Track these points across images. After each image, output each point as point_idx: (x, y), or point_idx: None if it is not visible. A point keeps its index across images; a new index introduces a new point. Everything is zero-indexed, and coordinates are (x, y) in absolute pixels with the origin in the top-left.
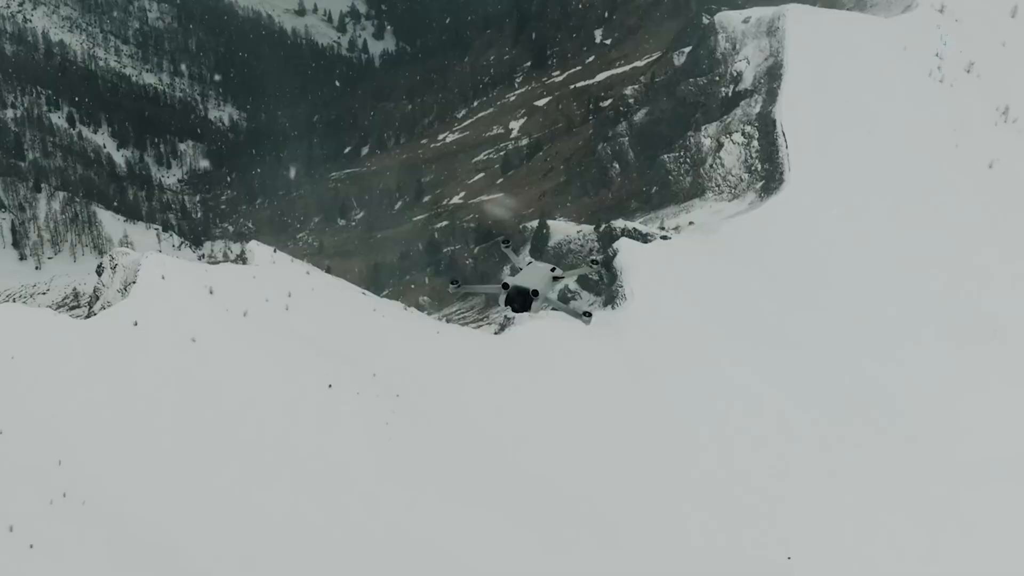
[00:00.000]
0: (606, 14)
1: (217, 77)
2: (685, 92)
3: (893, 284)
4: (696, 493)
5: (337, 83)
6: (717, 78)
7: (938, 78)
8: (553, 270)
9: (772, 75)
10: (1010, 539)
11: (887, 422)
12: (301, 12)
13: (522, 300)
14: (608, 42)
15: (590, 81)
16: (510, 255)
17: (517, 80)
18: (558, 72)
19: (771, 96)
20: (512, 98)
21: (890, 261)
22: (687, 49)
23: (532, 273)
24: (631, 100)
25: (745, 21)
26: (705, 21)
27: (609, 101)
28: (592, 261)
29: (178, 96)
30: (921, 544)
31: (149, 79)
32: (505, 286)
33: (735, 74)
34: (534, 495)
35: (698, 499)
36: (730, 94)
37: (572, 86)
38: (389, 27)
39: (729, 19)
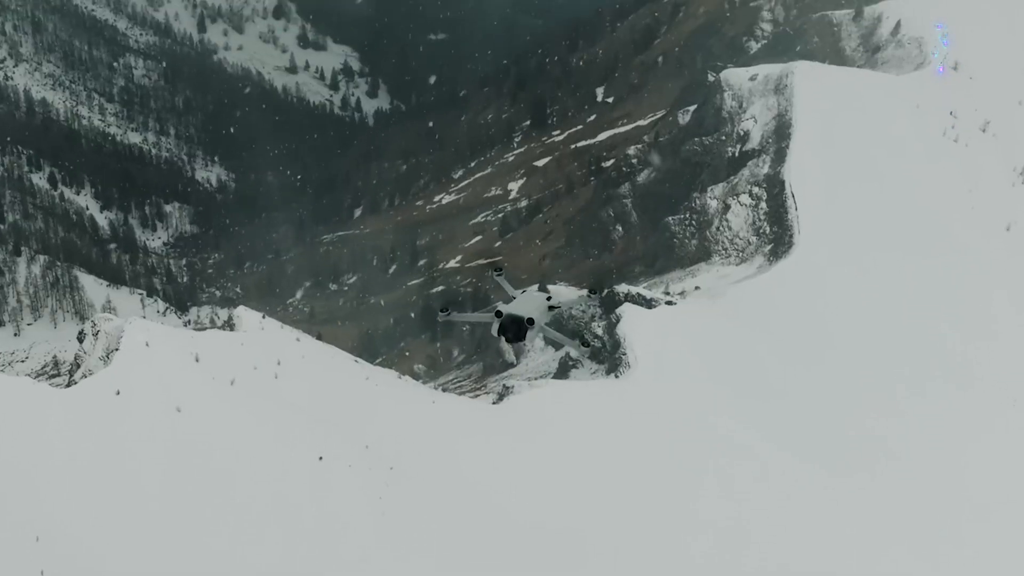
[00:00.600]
0: (608, 72)
1: (205, 137)
2: (690, 152)
3: (906, 348)
4: (699, 549)
5: (329, 142)
6: (723, 137)
7: (952, 137)
8: (548, 299)
9: (780, 134)
10: None
11: (893, 476)
12: (292, 70)
13: (516, 329)
14: (610, 100)
15: (591, 141)
16: (503, 284)
17: (516, 139)
18: (558, 131)
19: (779, 156)
20: (510, 158)
21: (903, 325)
22: (692, 107)
23: (526, 301)
24: (634, 160)
25: (752, 79)
26: (710, 79)
27: (611, 161)
28: (590, 291)
29: (164, 156)
30: None
31: (134, 138)
32: (498, 314)
33: (742, 133)
34: (536, 564)
35: (701, 554)
36: (737, 154)
37: (573, 146)
38: (383, 85)
39: (735, 76)
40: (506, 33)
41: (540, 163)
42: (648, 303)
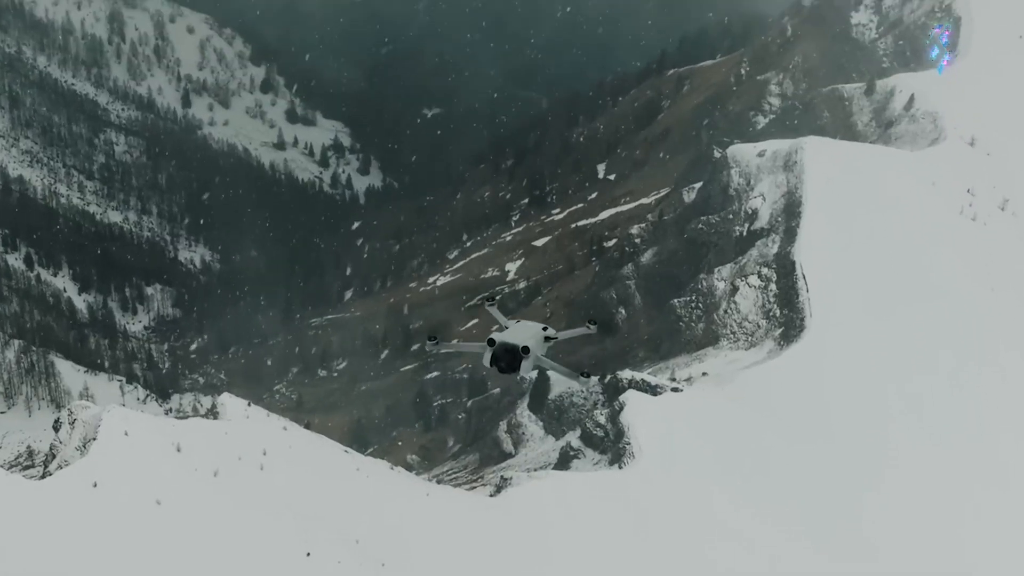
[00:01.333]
0: (609, 147)
1: (188, 215)
2: (696, 231)
3: (925, 436)
4: None
5: (318, 222)
6: (731, 216)
7: (970, 216)
8: (545, 329)
9: (790, 212)
10: None
11: (903, 564)
12: (280, 146)
13: (510, 359)
14: (612, 177)
15: (593, 219)
16: (495, 315)
17: (514, 218)
18: (558, 210)
19: (789, 235)
20: (508, 238)
21: (920, 412)
22: (698, 185)
23: (521, 330)
24: (637, 240)
25: (760, 155)
26: (717, 155)
27: (614, 241)
28: (590, 322)
29: (145, 236)
30: None
31: (114, 217)
32: (491, 342)
33: (750, 211)
34: None
35: None
36: (745, 233)
37: (573, 225)
38: (375, 162)
39: (742, 152)
40: (503, 108)
41: (539, 243)
42: (653, 390)
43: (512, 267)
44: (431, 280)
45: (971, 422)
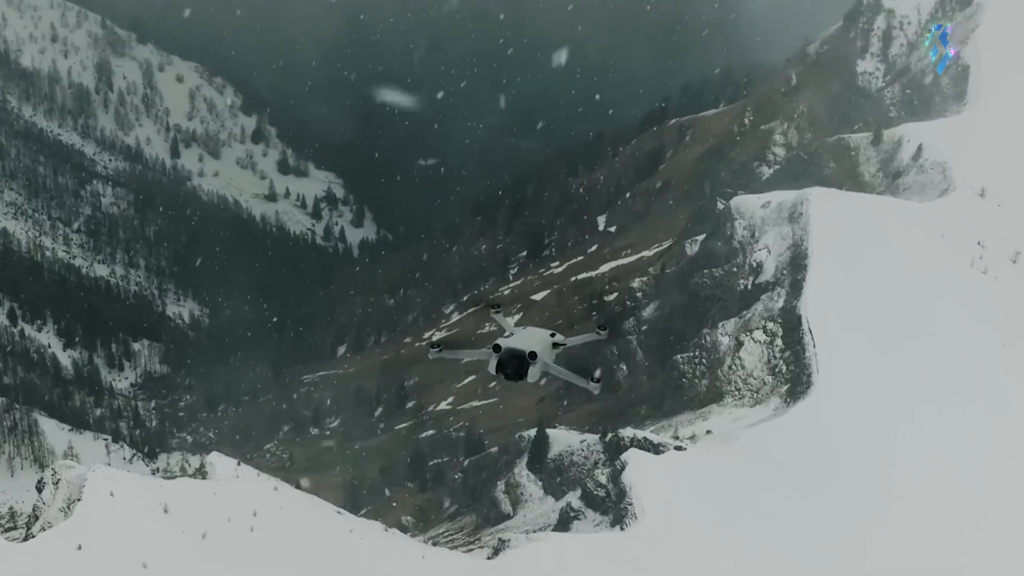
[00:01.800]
0: (610, 199)
1: (177, 269)
2: (700, 285)
3: (932, 495)
4: None
5: (311, 275)
6: (735, 269)
7: (981, 268)
8: (553, 335)
9: (796, 265)
10: None
11: None
12: (272, 197)
13: (517, 365)
14: (613, 230)
15: (593, 273)
16: (500, 322)
17: (512, 272)
18: (557, 263)
19: (795, 289)
20: (506, 292)
21: (933, 471)
22: (701, 237)
23: (528, 336)
24: (639, 294)
25: (764, 206)
26: (720, 206)
27: (614, 295)
28: (599, 327)
29: (133, 290)
30: None
31: (101, 271)
32: (496, 348)
33: (755, 264)
34: None
35: None
36: (750, 287)
37: (573, 278)
38: (369, 213)
39: (747, 204)
40: (500, 158)
41: (538, 297)
42: (656, 448)
43: (510, 322)
44: (426, 335)
45: (985, 482)
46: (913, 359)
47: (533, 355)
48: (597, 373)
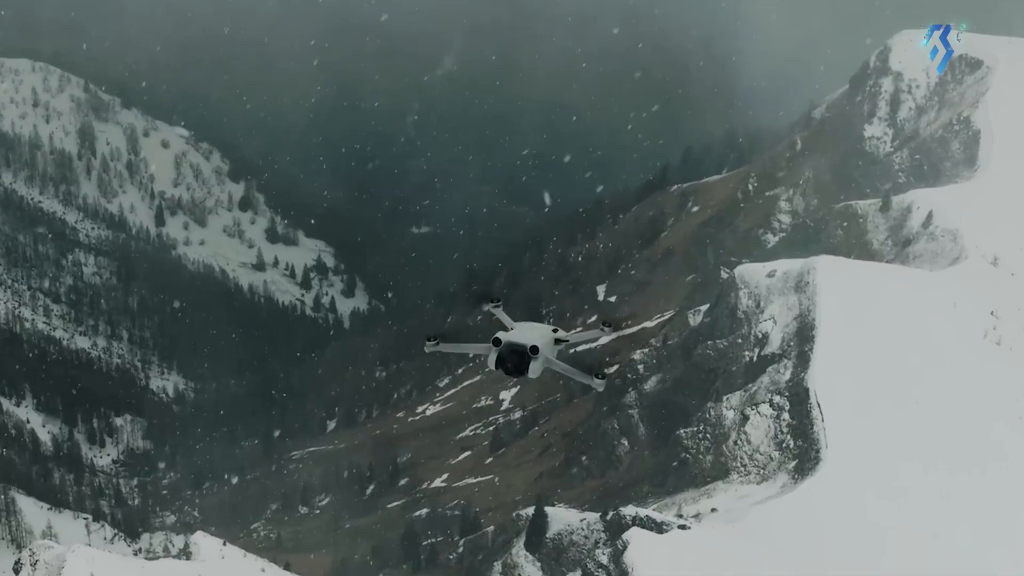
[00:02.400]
0: (610, 268)
1: (161, 341)
2: (703, 357)
3: (946, 572)
4: None
5: (300, 347)
6: (739, 340)
7: (995, 339)
8: (555, 331)
9: (803, 336)
10: None
11: None
12: (260, 266)
13: (517, 360)
14: (612, 300)
15: (593, 345)
16: (501, 317)
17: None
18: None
19: (802, 361)
20: None
21: (948, 549)
22: (704, 307)
23: (529, 330)
24: (640, 366)
25: (770, 275)
26: (724, 275)
27: (615, 368)
28: (604, 323)
29: (115, 363)
30: None
31: (82, 343)
32: (496, 342)
33: (760, 336)
34: None
35: None
36: (755, 359)
37: (572, 350)
38: (360, 283)
39: (751, 273)
40: (496, 226)
41: None
42: (659, 527)
43: (506, 395)
44: (420, 409)
45: (1003, 559)
46: (926, 433)
47: (535, 349)
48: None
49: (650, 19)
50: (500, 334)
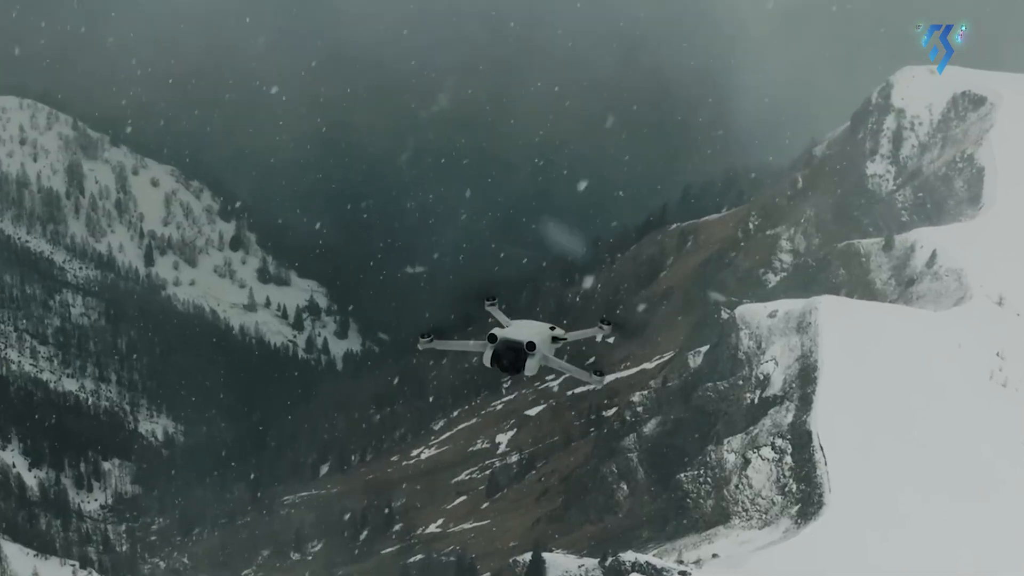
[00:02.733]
0: (608, 308)
1: (150, 383)
2: (703, 399)
3: None
4: None
5: (292, 389)
6: (740, 382)
7: (1000, 381)
8: (552, 328)
9: (805, 378)
10: None
11: None
12: (251, 307)
13: (513, 357)
14: (611, 341)
15: (591, 386)
16: (496, 315)
17: (505, 385)
18: (553, 376)
19: (805, 403)
20: (499, 406)
21: None
22: (704, 348)
23: (525, 327)
24: (640, 408)
25: (771, 316)
26: (724, 316)
27: (614, 410)
28: (603, 321)
29: (103, 406)
30: None
31: (70, 385)
32: (492, 339)
33: (761, 377)
34: None
35: None
36: (756, 401)
37: (569, 392)
38: (353, 324)
39: (752, 313)
40: (491, 265)
41: (532, 412)
42: (659, 573)
43: (503, 438)
44: (414, 453)
45: None
46: (931, 477)
47: (531, 346)
48: (600, 370)
49: (645, 54)
50: (496, 330)
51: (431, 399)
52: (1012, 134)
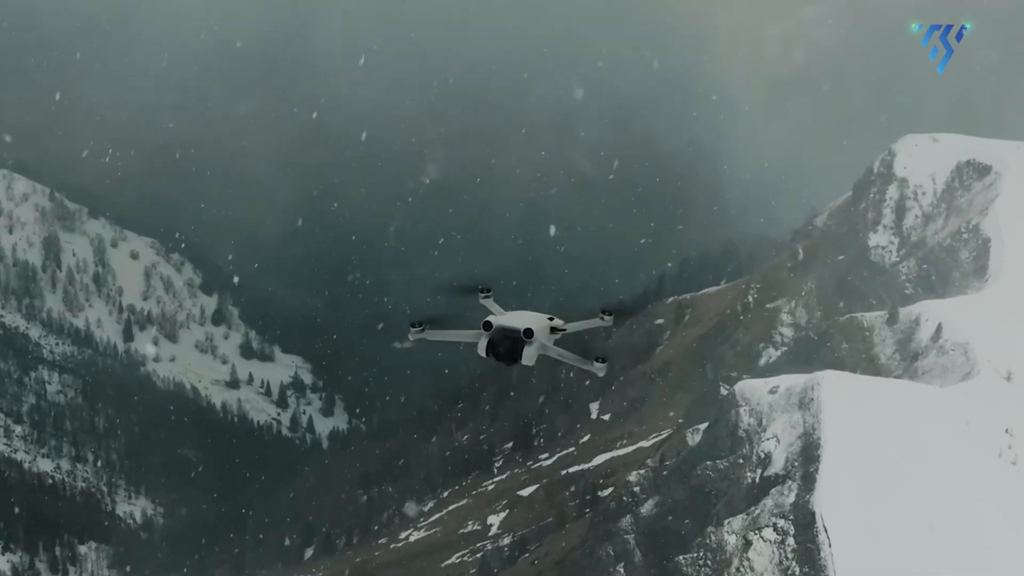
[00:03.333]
0: (603, 384)
1: (128, 463)
2: (703, 478)
3: None
4: None
5: (276, 469)
6: (741, 461)
7: (1010, 459)
8: (551, 319)
9: (807, 456)
10: None
11: None
12: (234, 384)
13: (510, 345)
14: (607, 418)
15: (586, 466)
16: (491, 307)
17: (497, 464)
18: (546, 455)
19: (808, 482)
20: (491, 486)
21: None
22: (703, 426)
23: (523, 316)
24: (636, 488)
25: (772, 392)
26: (724, 392)
27: (610, 490)
28: (604, 311)
29: (80, 487)
30: None
31: (45, 466)
32: (487, 326)
33: (762, 456)
34: None
35: None
36: (757, 480)
37: (563, 471)
38: (340, 401)
39: (753, 389)
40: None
41: (525, 492)
42: None
43: (495, 520)
44: (403, 535)
45: None
46: (939, 559)
47: (529, 332)
48: (601, 356)
49: (636, 125)
50: (491, 318)
51: (420, 479)
52: (1018, 204)
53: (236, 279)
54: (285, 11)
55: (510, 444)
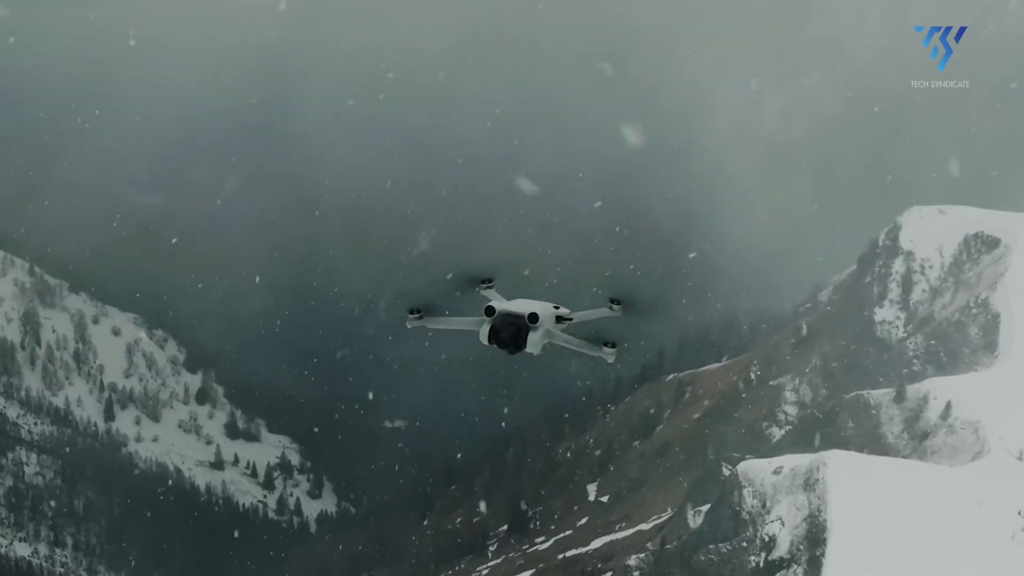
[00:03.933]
0: (601, 465)
1: (109, 548)
2: (705, 562)
3: None
4: None
5: (261, 553)
6: (744, 544)
7: (1022, 541)
8: (557, 307)
9: (813, 539)
10: None
11: None
12: (218, 465)
13: (514, 332)
14: (605, 499)
15: (584, 549)
16: (494, 298)
17: (491, 548)
18: (542, 538)
19: (814, 566)
20: (485, 571)
21: None
22: (705, 508)
23: (528, 303)
24: (636, 573)
25: (776, 472)
26: (726, 472)
27: (609, 574)
28: (613, 301)
29: (58, 572)
30: None
31: (22, 550)
32: (490, 311)
33: (767, 538)
34: None
35: None
36: (762, 564)
37: (560, 556)
38: (328, 483)
39: (756, 470)
40: (476, 419)
41: None
42: None
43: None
44: None
45: None
46: None
47: (534, 317)
48: (611, 341)
49: (631, 194)
50: (494, 303)
51: (412, 563)
52: None
53: (221, 356)
54: (270, 83)
55: (505, 527)
